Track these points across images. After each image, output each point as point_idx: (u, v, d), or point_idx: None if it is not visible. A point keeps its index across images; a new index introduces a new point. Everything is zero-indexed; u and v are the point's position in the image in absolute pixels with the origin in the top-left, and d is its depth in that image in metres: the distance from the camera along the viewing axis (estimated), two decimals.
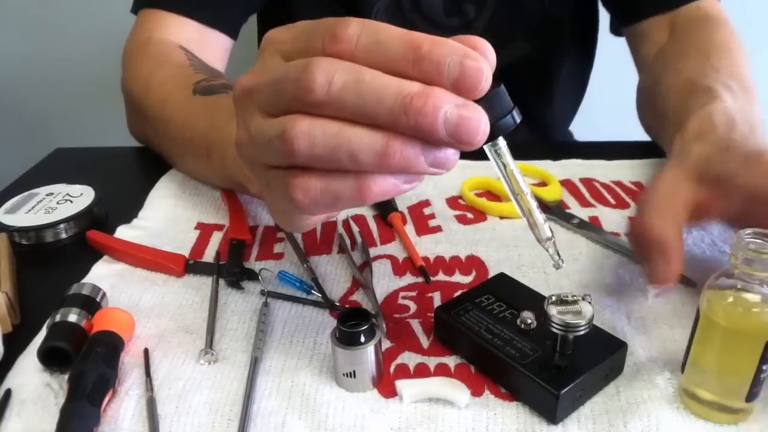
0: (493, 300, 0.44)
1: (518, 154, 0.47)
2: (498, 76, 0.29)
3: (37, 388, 0.40)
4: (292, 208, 0.33)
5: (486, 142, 0.30)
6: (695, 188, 0.45)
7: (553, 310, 0.38)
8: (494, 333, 0.41)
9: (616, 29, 0.84)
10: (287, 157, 0.30)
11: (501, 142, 0.32)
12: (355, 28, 0.29)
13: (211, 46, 0.74)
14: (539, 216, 0.35)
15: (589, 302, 0.38)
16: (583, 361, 0.38)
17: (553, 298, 0.38)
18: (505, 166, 0.33)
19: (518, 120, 0.31)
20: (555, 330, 0.38)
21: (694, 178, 0.45)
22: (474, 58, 0.28)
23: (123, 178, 0.73)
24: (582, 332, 0.37)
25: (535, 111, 0.87)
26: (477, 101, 0.29)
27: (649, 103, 0.70)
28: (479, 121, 0.28)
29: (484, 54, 0.29)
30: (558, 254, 0.36)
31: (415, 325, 0.46)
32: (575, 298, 0.38)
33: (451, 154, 0.30)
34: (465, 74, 0.28)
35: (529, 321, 0.41)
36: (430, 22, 0.81)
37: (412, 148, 0.29)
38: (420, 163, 0.29)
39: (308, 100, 0.29)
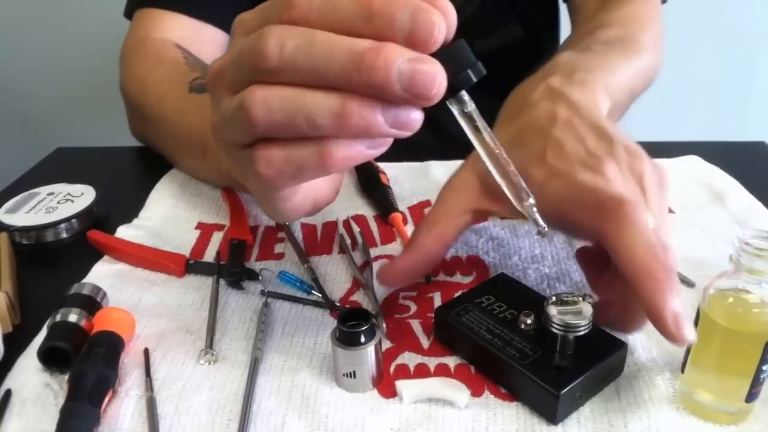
0: (494, 300, 0.44)
1: None
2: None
3: (37, 388, 0.40)
4: (261, 183, 0.33)
5: (447, 98, 0.30)
6: (474, 199, 0.45)
7: (553, 311, 0.38)
8: (494, 333, 0.41)
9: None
10: (248, 127, 0.30)
11: (467, 99, 0.31)
12: None
13: (206, 41, 0.74)
14: (518, 179, 0.33)
15: (590, 302, 0.38)
16: (584, 361, 0.38)
17: (553, 298, 0.38)
18: (474, 128, 0.32)
19: (482, 73, 0.30)
20: (555, 330, 0.38)
21: (477, 188, 0.45)
22: (426, 10, 0.27)
23: (123, 178, 0.73)
24: (582, 332, 0.37)
25: None
26: (433, 55, 0.28)
27: None
28: (435, 73, 0.27)
29: (440, 8, 0.28)
30: (541, 219, 0.35)
31: (415, 325, 0.46)
32: (575, 298, 0.38)
33: (413, 113, 0.29)
34: (417, 26, 0.27)
35: (529, 321, 0.41)
36: None
37: (369, 108, 0.28)
38: (379, 123, 0.28)
39: (263, 66, 0.29)
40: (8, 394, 0.40)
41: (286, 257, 0.55)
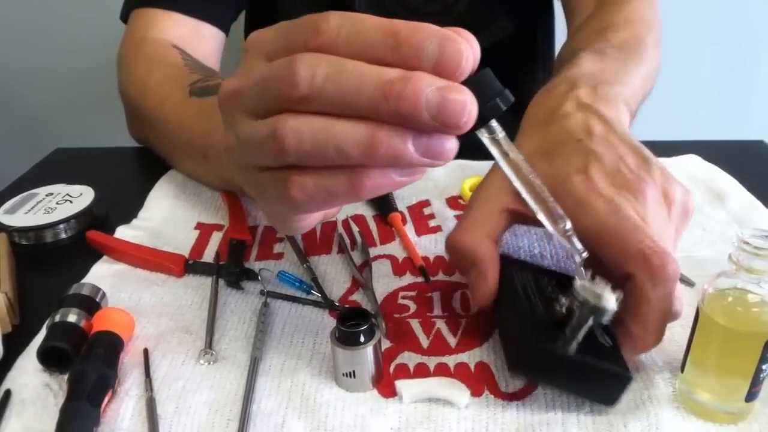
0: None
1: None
2: (483, 62, 0.29)
3: (36, 388, 0.40)
4: (288, 207, 0.33)
5: (477, 128, 0.29)
6: (510, 200, 0.42)
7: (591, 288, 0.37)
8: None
9: None
10: (279, 156, 0.30)
11: (497, 127, 0.31)
12: (335, 21, 0.29)
13: (204, 41, 0.74)
14: (552, 203, 0.33)
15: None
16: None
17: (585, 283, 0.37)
18: (505, 154, 0.32)
19: (510, 101, 0.30)
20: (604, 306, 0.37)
21: (512, 190, 0.42)
22: (453, 40, 0.27)
23: (123, 178, 0.73)
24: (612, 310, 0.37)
25: (522, 92, 0.87)
26: (461, 84, 0.28)
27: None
28: (464, 102, 0.27)
29: (465, 38, 0.28)
30: (579, 244, 0.35)
31: (415, 325, 0.46)
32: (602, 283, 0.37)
33: (446, 142, 0.29)
34: (445, 55, 0.27)
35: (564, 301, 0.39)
36: (410, 9, 0.81)
37: (399, 138, 0.28)
38: (409, 152, 0.28)
39: (293, 95, 0.29)
40: (8, 394, 0.40)
41: (285, 257, 0.55)
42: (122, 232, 0.57)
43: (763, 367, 0.35)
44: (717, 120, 1.48)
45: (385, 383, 0.41)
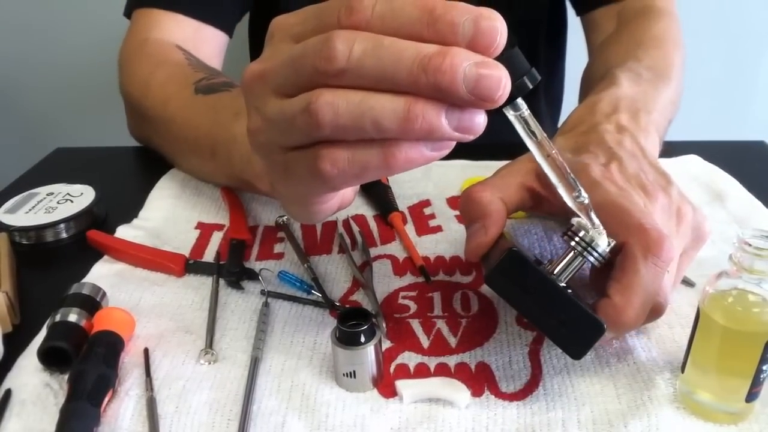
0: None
1: (510, 155, 0.47)
2: (512, 40, 0.30)
3: (37, 388, 0.40)
4: (317, 184, 0.33)
5: (507, 103, 0.31)
6: (531, 179, 0.45)
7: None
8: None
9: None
10: (312, 130, 0.30)
11: (523, 105, 0.32)
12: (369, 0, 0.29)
13: (207, 43, 0.74)
14: (573, 178, 0.34)
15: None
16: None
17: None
18: (530, 129, 0.33)
19: (537, 79, 0.31)
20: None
21: (534, 170, 0.45)
22: (488, 17, 0.28)
23: (123, 178, 0.73)
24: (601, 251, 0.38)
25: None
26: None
27: (582, 90, 0.74)
28: (499, 76, 0.28)
29: (497, 16, 0.29)
30: (596, 219, 0.36)
31: (415, 325, 0.46)
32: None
33: (477, 116, 0.30)
34: (480, 32, 0.28)
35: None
36: None
37: (434, 111, 0.29)
38: (443, 125, 0.29)
39: (330, 69, 0.29)
40: (8, 394, 0.40)
41: (285, 257, 0.55)
42: (122, 232, 0.57)
43: (764, 367, 0.35)
44: (717, 120, 1.48)
45: (385, 383, 0.41)
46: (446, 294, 0.49)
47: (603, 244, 0.38)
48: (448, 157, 0.71)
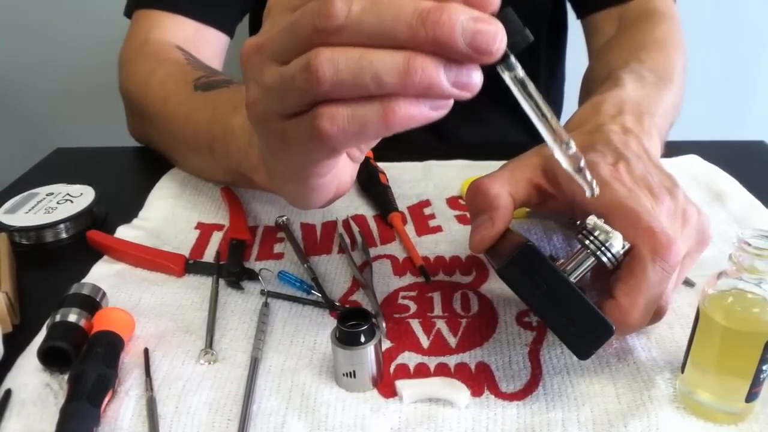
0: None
1: (510, 155, 0.47)
2: (505, 2, 0.30)
3: (37, 388, 0.40)
4: (317, 147, 0.33)
5: (502, 61, 0.31)
6: (539, 175, 0.45)
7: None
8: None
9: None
10: (312, 87, 0.30)
11: (517, 64, 0.32)
12: None
13: (207, 44, 0.74)
14: (570, 140, 0.35)
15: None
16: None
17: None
18: (525, 91, 0.33)
19: (529, 40, 0.31)
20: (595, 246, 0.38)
21: (541, 167, 0.46)
22: None
23: (123, 178, 0.73)
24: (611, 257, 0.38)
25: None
26: None
27: (582, 93, 0.74)
28: (496, 30, 0.29)
29: None
30: (589, 175, 0.36)
31: (415, 325, 0.46)
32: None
33: (474, 73, 0.30)
34: None
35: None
36: None
37: (433, 64, 0.29)
38: (442, 81, 0.29)
39: (329, 26, 0.29)
40: (8, 394, 0.40)
41: (285, 257, 0.55)
42: (122, 232, 0.57)
43: (764, 367, 0.35)
44: (717, 120, 1.48)
45: (385, 383, 0.41)
46: (446, 294, 0.49)
47: (618, 245, 0.38)
48: (448, 157, 0.71)
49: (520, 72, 0.33)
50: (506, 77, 0.33)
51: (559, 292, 0.37)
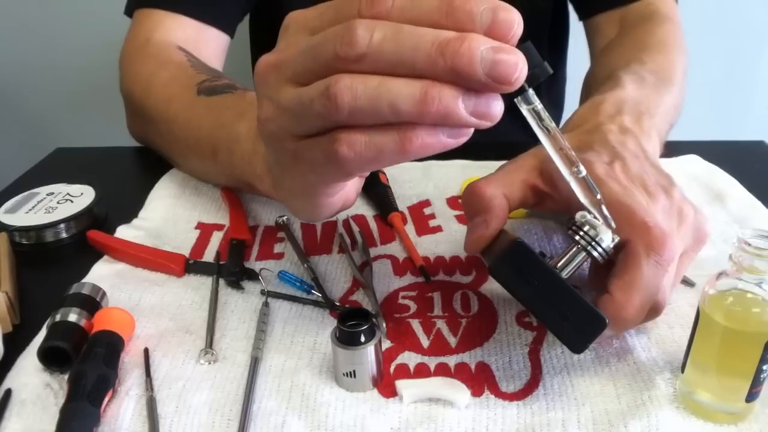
0: None
1: (510, 155, 0.47)
2: (524, 37, 0.31)
3: (37, 388, 0.40)
4: (333, 169, 0.34)
5: (519, 93, 0.32)
6: (534, 176, 0.45)
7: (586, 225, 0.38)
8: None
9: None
10: (331, 113, 0.31)
11: (534, 97, 0.33)
12: None
13: (208, 44, 0.74)
14: (587, 175, 0.35)
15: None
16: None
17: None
18: (543, 123, 0.34)
19: (548, 73, 0.32)
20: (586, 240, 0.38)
21: (536, 167, 0.46)
22: (505, 8, 0.29)
23: (123, 178, 0.73)
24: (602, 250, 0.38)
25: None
26: None
27: (584, 94, 0.74)
28: (516, 60, 0.29)
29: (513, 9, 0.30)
30: (610, 219, 0.37)
31: (415, 325, 0.46)
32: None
33: (493, 101, 0.30)
34: (497, 21, 0.29)
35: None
36: None
37: (451, 94, 0.29)
38: (460, 110, 0.30)
39: (351, 54, 0.30)
40: (8, 394, 0.40)
41: (285, 257, 0.55)
42: (122, 232, 0.57)
43: (764, 367, 0.35)
44: (717, 120, 1.48)
45: (385, 383, 0.41)
46: (446, 294, 0.49)
47: (607, 239, 0.38)
48: (448, 157, 0.71)
49: (538, 105, 0.33)
50: (524, 109, 0.33)
51: (550, 288, 0.37)
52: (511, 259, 0.37)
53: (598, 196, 0.37)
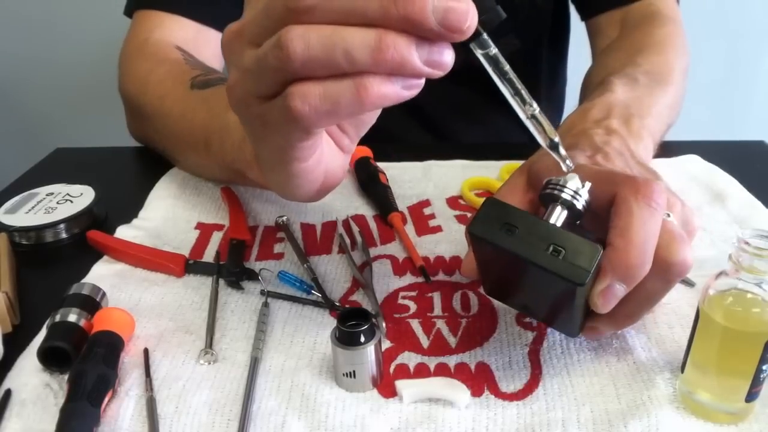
0: None
1: (510, 155, 0.47)
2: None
3: (37, 388, 0.40)
4: (292, 128, 0.33)
5: (473, 39, 0.32)
6: (527, 190, 0.45)
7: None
8: None
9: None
10: (283, 63, 0.30)
11: (490, 43, 0.33)
12: None
13: (208, 44, 0.74)
14: (543, 118, 0.35)
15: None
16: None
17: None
18: (498, 68, 0.34)
19: (501, 17, 0.32)
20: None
21: (526, 182, 0.45)
22: None
23: (123, 178, 0.73)
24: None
25: None
26: None
27: (581, 95, 0.74)
28: (467, 8, 0.29)
29: None
30: (567, 157, 0.37)
31: (415, 325, 0.46)
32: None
33: (446, 51, 0.30)
34: None
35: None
36: None
37: (404, 42, 0.29)
38: (414, 59, 0.30)
39: (300, 5, 0.29)
40: (8, 394, 0.40)
41: (285, 257, 0.55)
42: (122, 232, 0.57)
43: (764, 367, 0.35)
44: (717, 120, 1.48)
45: (385, 383, 0.41)
46: (446, 294, 0.49)
47: (576, 183, 0.37)
48: (448, 157, 0.71)
49: (493, 50, 0.33)
50: (479, 54, 0.33)
51: (535, 227, 0.36)
52: (490, 213, 0.37)
53: (556, 139, 0.36)
